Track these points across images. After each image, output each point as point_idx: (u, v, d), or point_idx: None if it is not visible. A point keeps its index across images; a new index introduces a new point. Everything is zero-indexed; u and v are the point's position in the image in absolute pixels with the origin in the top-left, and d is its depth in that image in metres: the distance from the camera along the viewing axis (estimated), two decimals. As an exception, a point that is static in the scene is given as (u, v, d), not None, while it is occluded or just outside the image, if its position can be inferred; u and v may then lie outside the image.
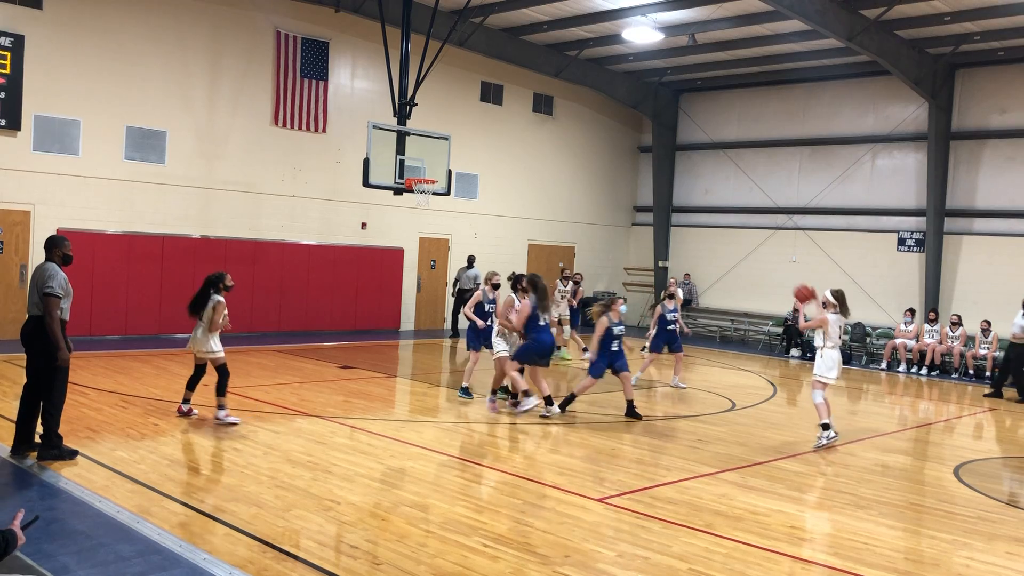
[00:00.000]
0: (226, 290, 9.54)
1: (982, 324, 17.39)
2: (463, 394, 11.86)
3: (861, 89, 21.39)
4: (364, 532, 6.19)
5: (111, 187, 15.90)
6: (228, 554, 5.57)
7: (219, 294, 9.47)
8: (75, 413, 9.36)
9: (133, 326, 16.21)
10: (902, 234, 20.71)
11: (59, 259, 7.63)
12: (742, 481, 8.19)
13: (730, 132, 24.01)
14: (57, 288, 7.39)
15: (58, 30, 15.14)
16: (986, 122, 19.63)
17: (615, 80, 23.31)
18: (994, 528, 7.15)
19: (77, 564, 5.18)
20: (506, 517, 6.66)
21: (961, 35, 17.98)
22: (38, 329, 7.47)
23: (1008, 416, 13.40)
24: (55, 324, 7.39)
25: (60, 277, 7.47)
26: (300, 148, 18.41)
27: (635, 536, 6.39)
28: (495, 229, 22.36)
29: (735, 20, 18.05)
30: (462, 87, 21.26)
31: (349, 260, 19.30)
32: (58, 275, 7.46)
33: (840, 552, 6.31)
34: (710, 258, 24.27)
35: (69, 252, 7.73)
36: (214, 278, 9.53)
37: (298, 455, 8.22)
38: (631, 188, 26.38)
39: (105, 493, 6.72)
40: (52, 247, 7.67)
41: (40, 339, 7.48)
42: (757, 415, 12.05)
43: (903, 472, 9.19)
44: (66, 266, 7.65)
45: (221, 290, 9.49)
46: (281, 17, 17.92)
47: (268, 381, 12.52)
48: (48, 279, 7.40)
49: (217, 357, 9.44)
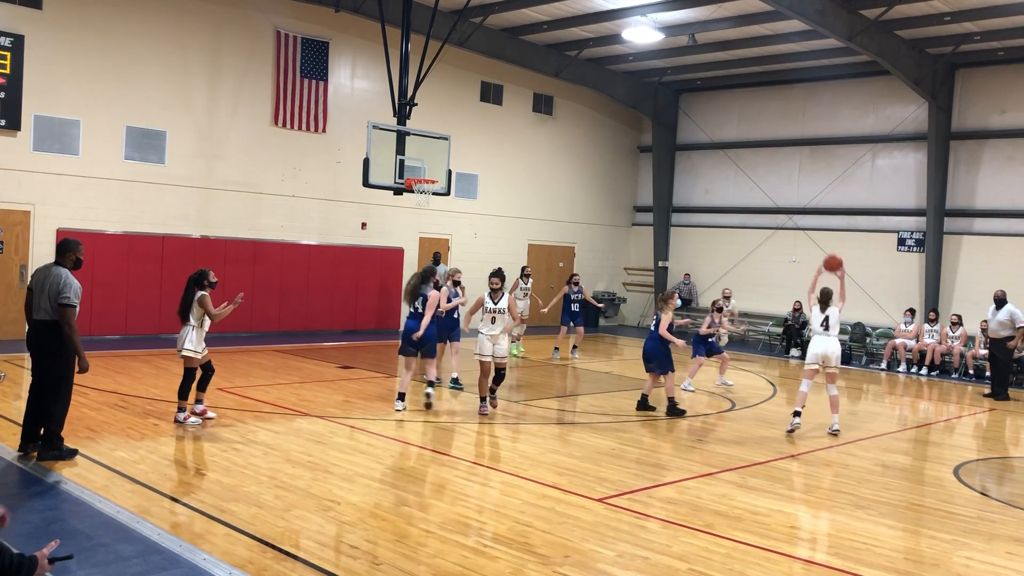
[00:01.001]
0: (211, 287, 9.40)
1: (982, 324, 17.37)
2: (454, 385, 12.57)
3: (861, 89, 21.39)
4: (364, 532, 6.19)
5: (111, 187, 15.90)
6: (228, 554, 5.57)
7: (203, 291, 9.35)
8: (75, 413, 9.34)
9: (133, 326, 16.21)
10: (902, 234, 20.71)
11: (71, 263, 7.59)
12: (742, 481, 8.19)
13: (730, 132, 24.01)
14: (74, 298, 7.37)
15: (58, 30, 15.14)
16: (986, 122, 19.62)
17: (615, 80, 23.31)
18: (994, 528, 7.15)
19: (77, 564, 5.18)
20: (506, 517, 6.67)
21: (961, 35, 17.98)
22: (47, 333, 7.43)
23: (1008, 416, 13.40)
24: (75, 334, 7.37)
25: (75, 285, 7.43)
26: (300, 148, 18.41)
27: (635, 536, 6.39)
28: (495, 229, 22.36)
29: (735, 20, 18.05)
30: (462, 87, 21.26)
31: (349, 260, 19.29)
32: (73, 283, 7.42)
33: (840, 552, 6.31)
34: (710, 258, 24.27)
35: (81, 256, 7.70)
36: (196, 276, 9.40)
37: (298, 455, 8.22)
38: (631, 188, 26.38)
39: (105, 493, 6.72)
40: (65, 251, 7.61)
41: (48, 343, 7.45)
42: (757, 415, 12.05)
43: (903, 472, 9.19)
44: (76, 270, 7.61)
45: (205, 287, 9.37)
46: (281, 17, 17.92)
47: (268, 381, 12.52)
48: (64, 288, 7.35)
49: (206, 356, 9.42)
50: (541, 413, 11.26)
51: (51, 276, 7.45)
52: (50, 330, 7.41)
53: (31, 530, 5.78)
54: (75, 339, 7.37)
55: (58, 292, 7.34)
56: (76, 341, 7.38)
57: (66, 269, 7.52)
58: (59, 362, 7.49)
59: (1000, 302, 15.13)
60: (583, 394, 13.30)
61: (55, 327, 7.39)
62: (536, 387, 13.49)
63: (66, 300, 7.32)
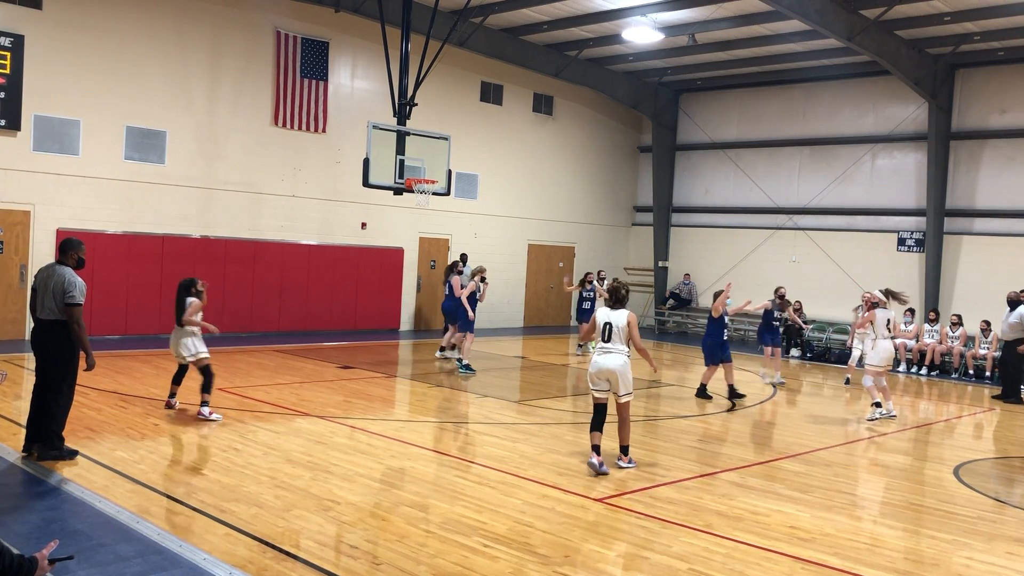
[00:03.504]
0: (198, 295, 9.83)
1: (982, 324, 17.39)
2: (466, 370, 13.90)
3: (861, 89, 21.39)
4: (364, 532, 6.19)
5: (111, 187, 15.90)
6: (228, 554, 5.57)
7: (191, 297, 9.79)
8: (75, 413, 9.33)
9: (133, 326, 16.21)
10: (902, 234, 20.71)
11: (74, 263, 7.65)
12: (742, 481, 8.19)
13: (730, 132, 24.01)
14: (80, 296, 7.45)
15: (58, 30, 15.14)
16: (986, 122, 19.63)
17: (615, 80, 23.31)
18: (994, 528, 7.15)
19: (77, 564, 5.18)
20: (506, 517, 6.66)
21: (961, 35, 17.98)
22: (53, 333, 7.47)
23: (1008, 416, 13.40)
24: (83, 332, 7.46)
25: (80, 284, 7.50)
26: (300, 148, 18.41)
27: (635, 536, 6.39)
28: (495, 229, 22.36)
29: (735, 20, 18.05)
30: (462, 87, 21.26)
31: (349, 260, 19.29)
32: (77, 282, 7.49)
33: (840, 552, 6.30)
34: (710, 258, 24.27)
35: (83, 256, 7.78)
36: (186, 283, 9.88)
37: (298, 455, 8.22)
38: (631, 188, 26.38)
39: (105, 493, 6.72)
40: (68, 250, 7.68)
41: (53, 343, 7.48)
42: (757, 415, 12.05)
43: (903, 472, 9.19)
44: (79, 269, 7.68)
45: (194, 294, 9.81)
46: (281, 17, 17.92)
47: (268, 381, 12.52)
48: (69, 287, 7.42)
49: (201, 359, 9.76)
50: (541, 413, 11.26)
51: (55, 275, 7.50)
52: (54, 329, 7.46)
53: (31, 530, 5.78)
54: (83, 336, 7.46)
55: (64, 291, 7.40)
56: (84, 339, 7.47)
57: (69, 268, 7.57)
58: (61, 362, 7.52)
59: (1013, 304, 14.84)
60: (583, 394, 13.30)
61: (59, 326, 7.44)
62: (536, 387, 13.50)
63: (72, 299, 7.40)
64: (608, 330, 8.18)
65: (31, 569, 3.73)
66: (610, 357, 8.13)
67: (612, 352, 8.14)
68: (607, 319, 8.21)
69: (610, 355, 8.14)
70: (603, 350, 8.22)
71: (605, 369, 8.12)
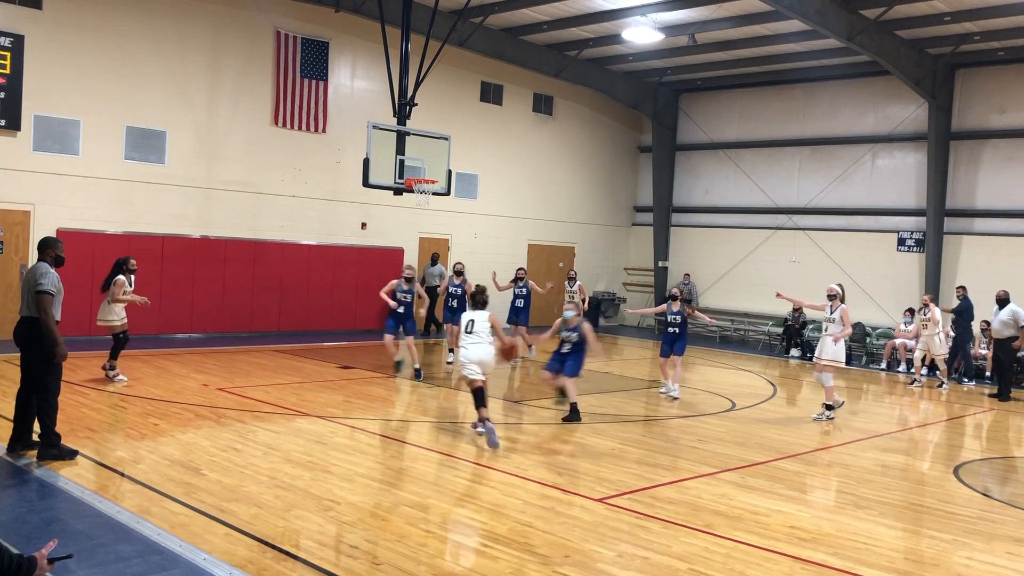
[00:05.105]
0: (131, 272, 11.48)
1: (982, 324, 17.37)
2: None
3: (861, 89, 21.39)
4: (364, 532, 6.19)
5: (111, 187, 15.89)
6: (228, 554, 5.57)
7: (123, 275, 11.38)
8: (75, 413, 9.37)
9: (133, 326, 16.05)
10: (902, 234, 20.71)
11: (51, 260, 7.72)
12: (742, 481, 8.19)
13: (730, 132, 24.01)
14: (49, 285, 7.45)
15: (58, 30, 15.14)
16: (986, 122, 19.63)
17: (615, 80, 23.31)
18: (994, 528, 7.15)
19: (77, 564, 5.18)
20: (506, 517, 6.66)
21: (961, 35, 17.99)
22: (31, 328, 7.51)
23: (1008, 416, 13.40)
24: (51, 320, 7.41)
25: (52, 275, 7.54)
26: (300, 148, 18.41)
27: (635, 536, 6.39)
28: (495, 229, 22.36)
29: (735, 20, 18.05)
30: (462, 87, 21.26)
31: (349, 260, 19.29)
32: (50, 273, 7.53)
33: (840, 552, 6.31)
34: (710, 258, 24.27)
35: (62, 254, 7.84)
36: (120, 261, 11.55)
37: (298, 455, 8.22)
38: (631, 188, 26.38)
39: (105, 493, 6.72)
40: (45, 248, 7.76)
41: (32, 338, 7.50)
42: (757, 415, 12.05)
43: (903, 472, 9.19)
44: (58, 267, 7.73)
45: (125, 272, 11.40)
46: (281, 17, 17.92)
47: (268, 381, 12.52)
48: (40, 277, 7.47)
49: (115, 326, 11.43)
50: (541, 413, 11.26)
51: (30, 272, 7.61)
52: (31, 325, 7.50)
53: (31, 530, 5.78)
54: (50, 325, 7.39)
55: (35, 282, 7.44)
56: (51, 326, 7.39)
57: (46, 264, 7.64)
58: (43, 356, 7.50)
59: (1002, 302, 15.12)
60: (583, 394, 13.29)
61: (36, 322, 7.46)
62: (536, 387, 13.49)
63: (41, 287, 7.40)
64: (471, 326, 9.43)
65: (30, 569, 3.72)
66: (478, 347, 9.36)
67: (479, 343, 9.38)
68: (471, 317, 9.48)
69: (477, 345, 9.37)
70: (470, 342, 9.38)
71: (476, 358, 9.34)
